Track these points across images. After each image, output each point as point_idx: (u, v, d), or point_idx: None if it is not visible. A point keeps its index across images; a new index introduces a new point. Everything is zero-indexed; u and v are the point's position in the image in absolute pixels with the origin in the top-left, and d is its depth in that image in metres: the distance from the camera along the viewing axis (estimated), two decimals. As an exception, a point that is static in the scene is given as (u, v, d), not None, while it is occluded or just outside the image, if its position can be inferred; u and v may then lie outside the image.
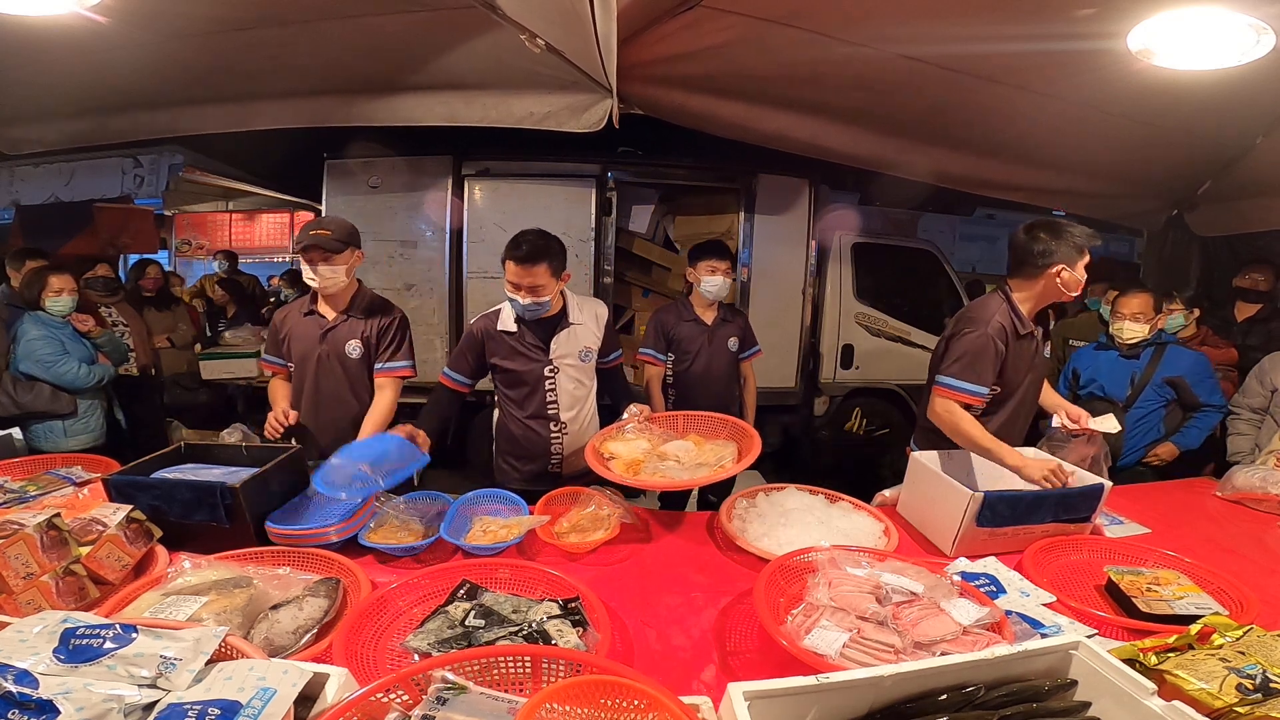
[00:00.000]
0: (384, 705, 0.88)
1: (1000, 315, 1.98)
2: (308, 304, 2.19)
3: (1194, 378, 2.69)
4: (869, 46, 2.28)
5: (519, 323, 2.09)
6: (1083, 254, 1.95)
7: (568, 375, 2.14)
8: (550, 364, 2.11)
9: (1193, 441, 2.72)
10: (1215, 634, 1.11)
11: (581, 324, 2.14)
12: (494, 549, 1.58)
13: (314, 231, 2.04)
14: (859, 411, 4.79)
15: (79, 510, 1.45)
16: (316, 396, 2.17)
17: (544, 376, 2.12)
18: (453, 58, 2.53)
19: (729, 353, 2.84)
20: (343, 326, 2.16)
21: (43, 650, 0.85)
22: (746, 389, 2.98)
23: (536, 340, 2.10)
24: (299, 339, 2.17)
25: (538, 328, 2.10)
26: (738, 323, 2.89)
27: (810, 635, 1.16)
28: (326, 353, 2.15)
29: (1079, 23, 2.00)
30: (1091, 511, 1.74)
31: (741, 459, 1.86)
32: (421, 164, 4.12)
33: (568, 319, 2.12)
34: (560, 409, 2.15)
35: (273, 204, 8.34)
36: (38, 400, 2.99)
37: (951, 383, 1.95)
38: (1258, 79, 2.14)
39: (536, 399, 2.13)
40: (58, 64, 2.55)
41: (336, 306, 2.16)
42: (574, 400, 2.17)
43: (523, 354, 2.10)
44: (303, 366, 2.17)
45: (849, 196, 5.60)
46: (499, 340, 2.10)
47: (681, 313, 2.82)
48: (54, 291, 3.03)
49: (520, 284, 1.97)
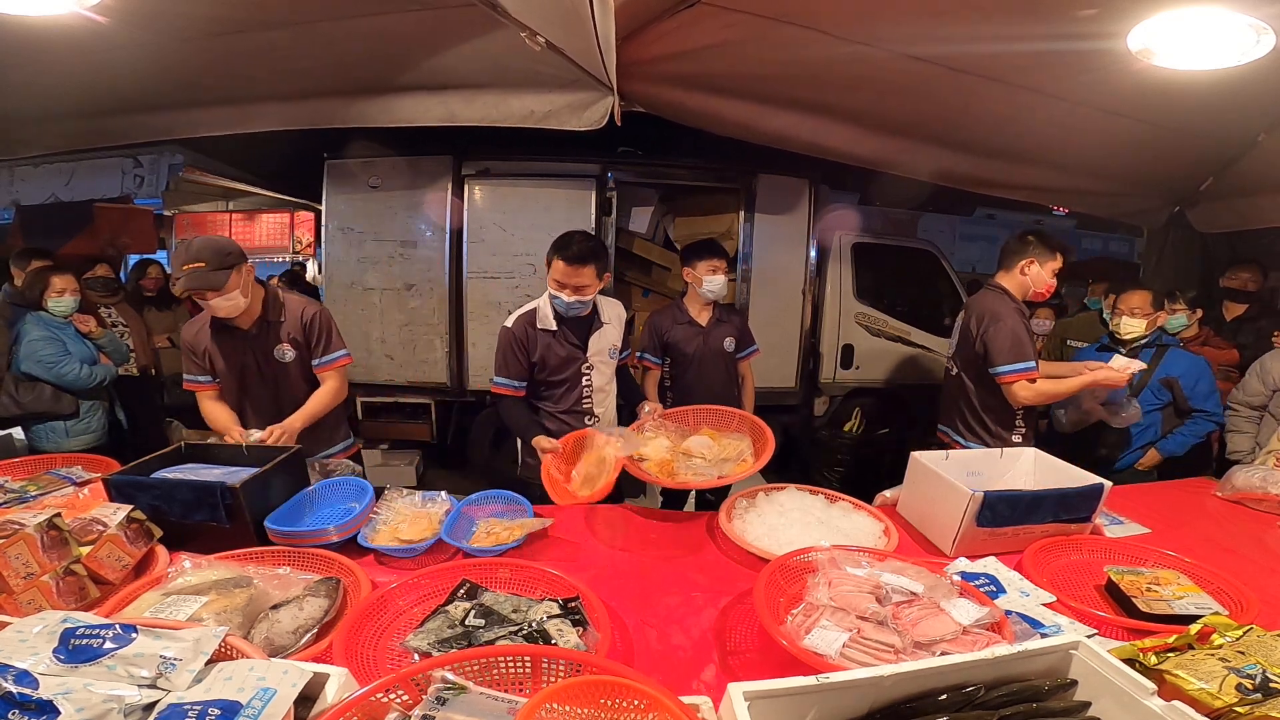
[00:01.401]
0: (384, 705, 0.88)
1: (1006, 302, 2.33)
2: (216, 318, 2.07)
3: (1189, 381, 2.68)
4: (870, 45, 2.27)
5: (558, 321, 2.18)
6: (1054, 255, 2.34)
7: (600, 371, 2.28)
8: (587, 360, 2.23)
9: (1176, 448, 2.72)
10: (1215, 634, 1.11)
11: (609, 323, 2.28)
12: (495, 550, 1.58)
13: (187, 267, 1.89)
14: (859, 411, 4.78)
15: (79, 510, 1.45)
16: (253, 407, 2.14)
17: (581, 373, 2.23)
18: (452, 57, 2.52)
19: (725, 353, 2.83)
20: (264, 334, 2.10)
21: (43, 650, 0.85)
22: (744, 389, 2.97)
23: (576, 338, 2.22)
24: (223, 355, 2.09)
25: (576, 326, 2.22)
26: (734, 322, 2.88)
27: (810, 635, 1.16)
28: (255, 363, 2.11)
29: (1079, 23, 2.00)
30: (1091, 511, 1.74)
31: (758, 451, 1.97)
32: (421, 164, 4.12)
33: (600, 318, 2.26)
34: (594, 403, 2.29)
35: (273, 204, 8.33)
36: (39, 401, 2.99)
37: (1012, 368, 2.23)
38: (1259, 78, 2.14)
39: (574, 394, 2.25)
40: (58, 64, 2.54)
41: (252, 315, 2.09)
42: (605, 395, 2.32)
43: (563, 353, 2.20)
44: (231, 381, 2.12)
45: (849, 196, 5.60)
46: (540, 338, 2.19)
47: (676, 315, 2.82)
48: (56, 292, 3.03)
49: (567, 283, 2.07)
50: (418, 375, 4.32)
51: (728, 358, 2.85)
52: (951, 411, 2.54)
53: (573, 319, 2.19)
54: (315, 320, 2.15)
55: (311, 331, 2.14)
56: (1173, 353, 2.73)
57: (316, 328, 2.15)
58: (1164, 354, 2.72)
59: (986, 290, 2.44)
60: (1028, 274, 2.35)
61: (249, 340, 2.10)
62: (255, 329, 2.10)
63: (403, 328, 4.26)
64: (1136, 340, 2.69)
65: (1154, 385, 2.70)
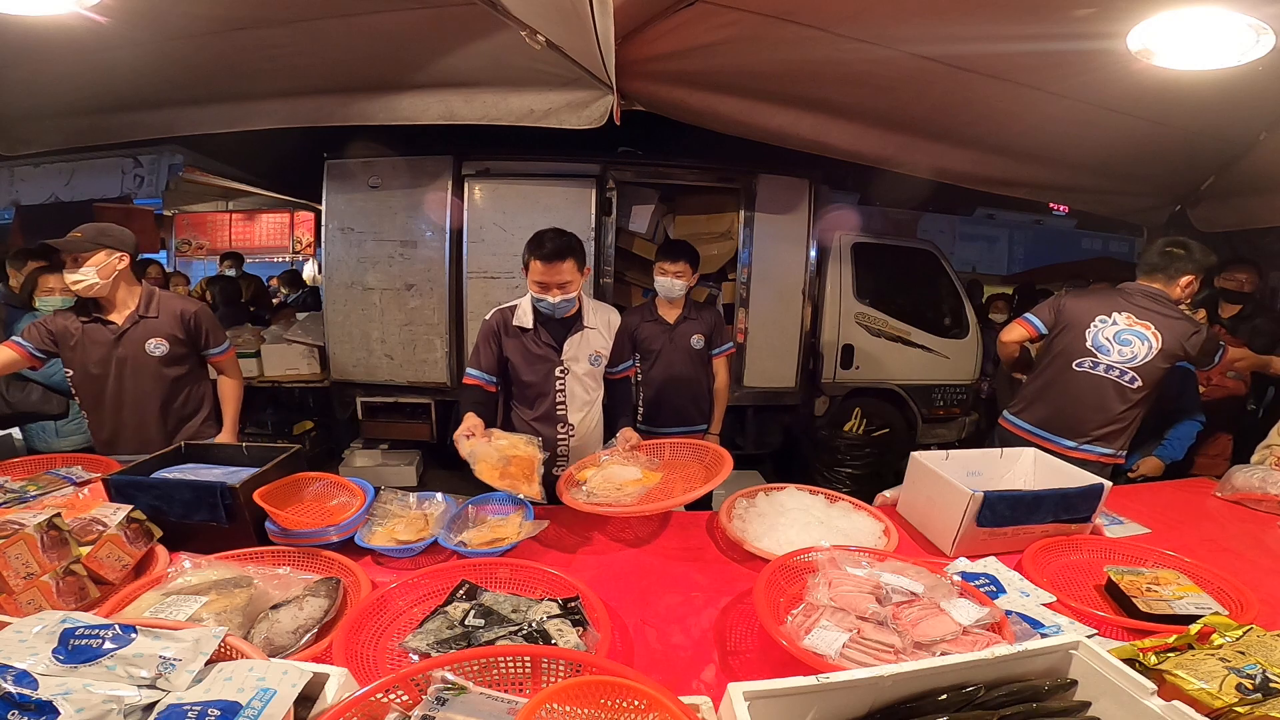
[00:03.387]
0: (384, 705, 0.88)
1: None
2: (85, 311, 2.16)
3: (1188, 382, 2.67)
4: (870, 43, 2.27)
5: (536, 320, 2.10)
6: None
7: (577, 379, 2.15)
8: (562, 364, 2.11)
9: (1176, 453, 2.70)
10: (1215, 634, 1.11)
11: (594, 329, 2.15)
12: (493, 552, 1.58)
13: (70, 234, 2.07)
14: (859, 411, 4.78)
15: (79, 510, 1.45)
16: (119, 399, 2.20)
17: (555, 377, 2.12)
18: (452, 56, 2.52)
19: (693, 350, 2.84)
20: (136, 329, 2.18)
21: (42, 650, 0.85)
22: (715, 386, 2.94)
23: (551, 340, 2.10)
24: (86, 346, 2.16)
25: (553, 327, 2.11)
26: (704, 319, 2.88)
27: (810, 635, 1.16)
28: (124, 356, 2.17)
29: (1079, 23, 1.99)
30: (1091, 511, 1.74)
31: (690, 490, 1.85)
32: (421, 164, 4.12)
33: (582, 322, 2.13)
34: (569, 411, 2.16)
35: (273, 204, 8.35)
36: (28, 400, 2.98)
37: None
38: (1259, 78, 2.14)
39: (546, 400, 2.14)
40: (58, 64, 2.54)
41: (124, 309, 2.18)
42: (582, 404, 2.18)
43: (536, 352, 2.11)
44: (93, 371, 2.17)
45: (849, 196, 5.61)
46: (514, 335, 2.11)
47: (645, 314, 2.87)
48: (45, 290, 3.02)
49: (549, 282, 1.98)
50: (418, 375, 4.32)
51: (696, 354, 2.85)
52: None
53: (550, 320, 2.10)
54: (199, 315, 2.30)
55: (199, 326, 2.29)
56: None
57: (203, 322, 2.31)
58: None
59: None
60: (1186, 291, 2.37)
61: (121, 334, 2.17)
62: (128, 324, 2.18)
63: (403, 328, 4.26)
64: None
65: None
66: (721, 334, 2.92)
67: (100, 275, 2.08)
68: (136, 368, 2.19)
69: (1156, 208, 3.89)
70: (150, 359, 2.19)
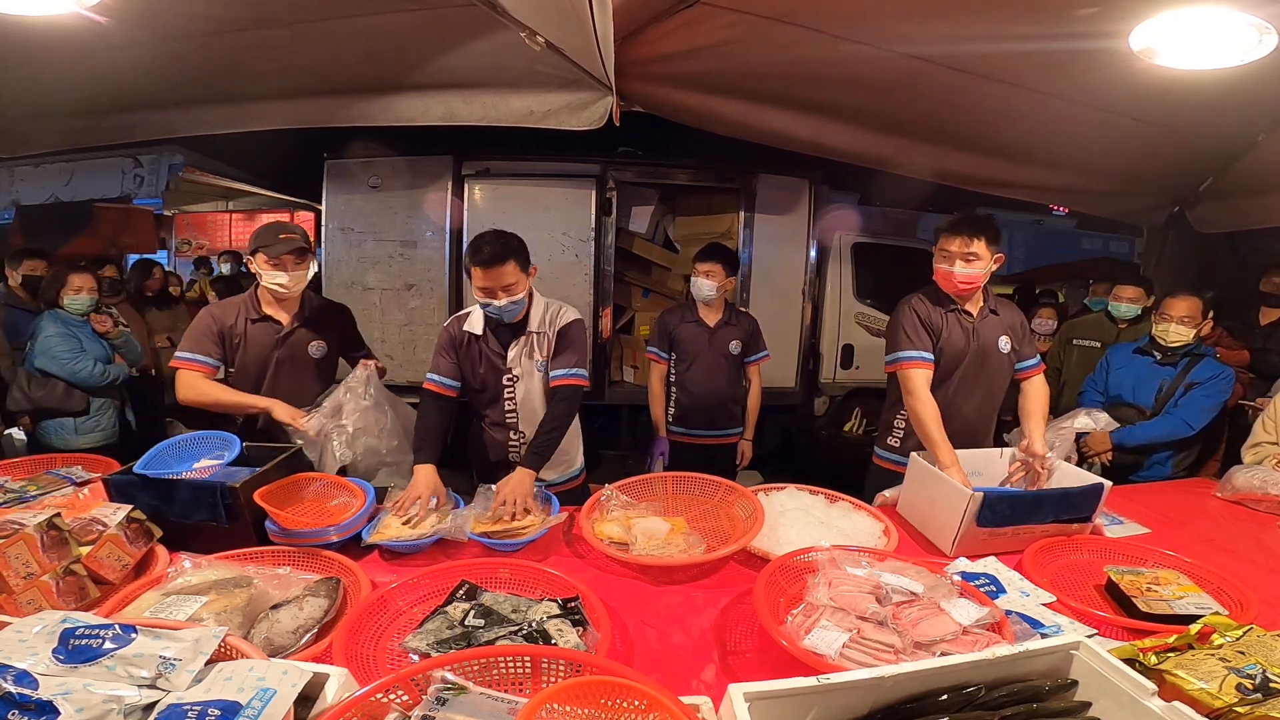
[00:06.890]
0: (384, 705, 0.88)
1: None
2: (250, 310, 2.13)
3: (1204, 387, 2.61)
4: (870, 45, 2.27)
5: (485, 327, 2.03)
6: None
7: (529, 387, 2.07)
8: (510, 373, 2.05)
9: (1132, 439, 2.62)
10: (1215, 634, 1.11)
11: (542, 333, 2.05)
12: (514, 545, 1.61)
13: (284, 235, 2.07)
14: (859, 411, 4.79)
15: (79, 510, 1.45)
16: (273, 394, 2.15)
17: (503, 385, 2.07)
18: (452, 57, 2.52)
19: (730, 355, 2.86)
20: (299, 331, 2.17)
21: (42, 650, 0.85)
22: (750, 393, 2.98)
23: (499, 347, 2.04)
24: (252, 345, 2.13)
25: (503, 333, 2.04)
26: (742, 325, 2.90)
27: (810, 635, 1.16)
28: (285, 357, 2.16)
29: (1081, 22, 1.99)
30: (1092, 511, 1.74)
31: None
32: (422, 164, 4.12)
33: (526, 327, 2.04)
34: (520, 420, 2.09)
35: (273, 204, 8.35)
36: (50, 396, 3.02)
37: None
38: (1260, 78, 2.14)
39: (497, 407, 2.09)
40: (58, 64, 2.54)
41: (290, 311, 2.17)
42: (535, 413, 2.06)
43: (485, 359, 2.05)
44: (252, 371, 2.15)
45: (849, 196, 5.60)
46: (465, 343, 2.06)
47: (684, 314, 2.87)
48: (73, 290, 3.08)
49: (492, 286, 1.90)
50: (418, 375, 4.28)
51: (733, 360, 2.87)
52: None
53: (502, 326, 2.02)
54: (347, 319, 2.41)
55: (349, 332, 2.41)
56: (1206, 361, 2.66)
57: (353, 329, 2.43)
58: (1198, 361, 2.64)
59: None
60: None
61: (285, 336, 2.16)
62: (292, 326, 2.17)
63: (403, 328, 4.26)
64: (1180, 348, 2.63)
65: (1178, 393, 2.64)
66: (758, 341, 2.95)
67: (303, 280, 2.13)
68: (295, 370, 2.19)
69: (1155, 208, 3.89)
70: (310, 360, 2.21)
